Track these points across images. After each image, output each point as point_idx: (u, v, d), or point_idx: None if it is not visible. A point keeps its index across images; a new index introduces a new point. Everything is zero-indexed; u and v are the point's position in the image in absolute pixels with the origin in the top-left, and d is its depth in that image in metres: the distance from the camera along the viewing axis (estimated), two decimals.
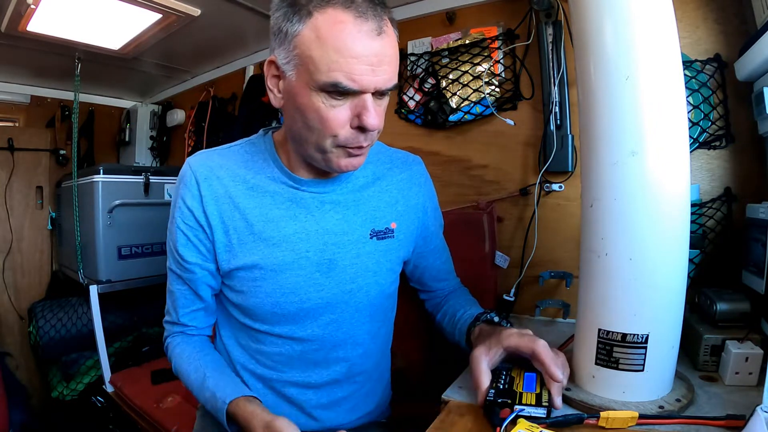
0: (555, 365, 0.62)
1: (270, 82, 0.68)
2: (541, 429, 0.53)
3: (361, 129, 0.63)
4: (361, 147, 0.65)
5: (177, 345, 0.81)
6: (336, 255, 0.76)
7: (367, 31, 0.58)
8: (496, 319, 0.78)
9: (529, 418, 0.57)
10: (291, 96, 0.65)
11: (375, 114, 0.62)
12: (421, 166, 0.89)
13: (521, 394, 0.63)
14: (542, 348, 0.63)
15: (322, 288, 0.76)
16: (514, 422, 0.56)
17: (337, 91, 0.60)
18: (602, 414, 0.57)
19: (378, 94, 0.63)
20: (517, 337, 0.67)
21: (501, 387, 0.65)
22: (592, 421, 0.58)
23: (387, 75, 0.61)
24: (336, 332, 0.79)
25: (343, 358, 0.81)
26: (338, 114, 0.62)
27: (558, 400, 0.61)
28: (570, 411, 0.63)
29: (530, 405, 0.60)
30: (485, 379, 0.65)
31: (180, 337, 0.83)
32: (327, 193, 0.76)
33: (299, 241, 0.74)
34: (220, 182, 0.73)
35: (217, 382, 0.73)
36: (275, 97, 0.68)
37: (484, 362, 0.67)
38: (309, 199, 0.75)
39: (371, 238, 0.78)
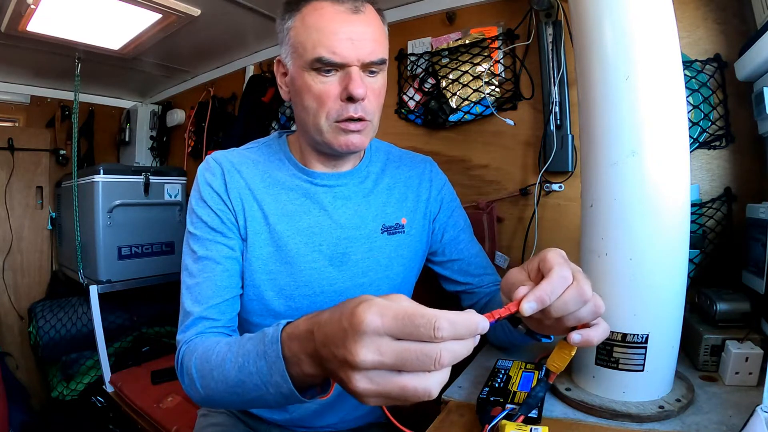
0: (543, 291, 0.45)
1: (279, 80, 0.76)
2: (531, 427, 0.53)
3: (350, 99, 0.67)
4: (351, 119, 0.68)
5: (200, 342, 0.65)
6: (349, 249, 0.78)
7: (343, 11, 0.66)
8: None
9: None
10: (292, 84, 0.72)
11: (361, 84, 0.66)
12: (430, 164, 0.91)
13: (515, 393, 0.63)
14: (556, 255, 0.48)
15: (335, 281, 0.77)
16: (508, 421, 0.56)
17: (324, 67, 0.66)
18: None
19: (367, 70, 0.68)
20: (554, 253, 0.48)
21: (496, 385, 0.65)
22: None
23: (368, 48, 0.66)
24: None
25: None
26: (328, 89, 0.67)
27: (523, 307, 0.45)
28: (571, 411, 0.63)
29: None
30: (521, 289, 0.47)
31: (200, 337, 0.67)
32: (339, 186, 0.79)
33: (313, 234, 0.76)
34: (241, 175, 0.76)
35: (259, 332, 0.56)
36: (283, 92, 0.76)
37: (516, 272, 0.52)
38: (322, 195, 0.78)
39: (382, 232, 0.80)
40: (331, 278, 0.77)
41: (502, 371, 0.70)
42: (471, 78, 1.25)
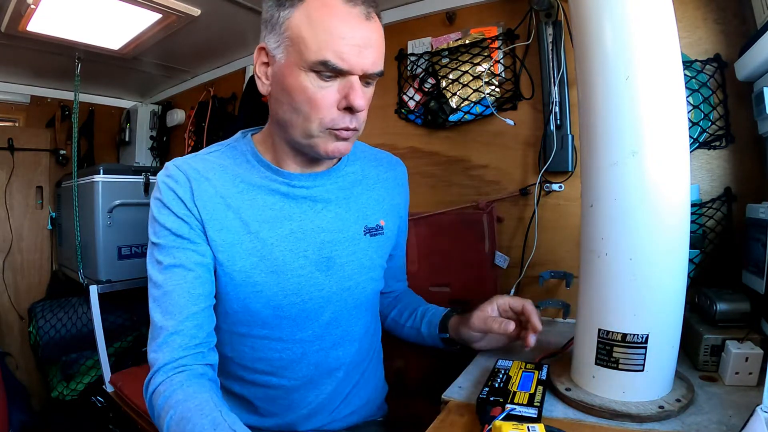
0: (538, 317, 0.77)
1: (258, 69, 0.69)
2: (528, 426, 0.53)
3: (349, 110, 0.64)
4: (347, 129, 0.66)
5: (180, 396, 0.59)
6: (333, 253, 0.76)
7: (356, 14, 0.61)
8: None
9: (519, 418, 0.57)
10: (279, 79, 0.66)
11: (362, 95, 0.64)
12: (403, 168, 0.92)
13: (515, 393, 0.63)
14: (530, 305, 0.78)
15: (323, 287, 0.76)
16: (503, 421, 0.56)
17: (326, 72, 0.62)
18: None
19: (364, 81, 0.65)
20: (507, 297, 0.81)
21: (496, 385, 0.65)
22: None
23: (373, 58, 0.63)
24: (335, 330, 0.79)
25: (342, 356, 0.81)
26: (326, 95, 0.63)
27: (531, 339, 0.75)
28: (571, 411, 0.63)
29: (521, 404, 0.60)
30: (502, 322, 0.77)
31: (179, 380, 0.61)
32: (317, 187, 0.76)
33: (296, 240, 0.74)
34: (210, 183, 0.71)
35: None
36: (263, 84, 0.70)
37: (489, 309, 0.80)
38: (301, 198, 0.75)
39: (365, 234, 0.80)
40: (319, 284, 0.75)
41: (502, 371, 0.70)
42: (471, 78, 1.25)
